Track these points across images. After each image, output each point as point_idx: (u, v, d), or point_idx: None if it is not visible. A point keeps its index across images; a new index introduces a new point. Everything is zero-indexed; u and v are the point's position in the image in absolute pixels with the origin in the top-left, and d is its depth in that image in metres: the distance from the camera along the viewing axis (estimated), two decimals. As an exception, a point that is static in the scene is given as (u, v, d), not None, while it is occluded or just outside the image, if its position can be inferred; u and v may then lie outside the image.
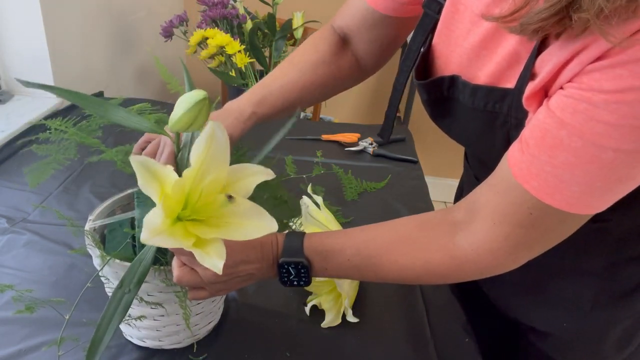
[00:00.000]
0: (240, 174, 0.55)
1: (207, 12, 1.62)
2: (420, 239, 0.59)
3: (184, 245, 0.50)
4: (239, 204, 0.53)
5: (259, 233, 0.52)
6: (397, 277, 0.61)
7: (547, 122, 0.48)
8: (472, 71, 0.58)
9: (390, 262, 0.60)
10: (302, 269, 0.61)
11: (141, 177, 0.49)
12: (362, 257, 0.60)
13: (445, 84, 0.61)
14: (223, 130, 0.53)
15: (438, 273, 0.59)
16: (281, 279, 0.63)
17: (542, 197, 0.49)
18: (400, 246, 0.60)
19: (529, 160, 0.49)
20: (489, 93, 0.56)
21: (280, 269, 0.62)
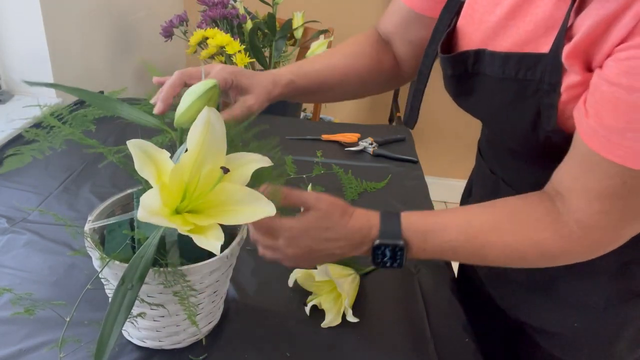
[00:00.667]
0: (237, 162, 0.56)
1: (207, 12, 1.62)
2: (528, 217, 0.58)
3: (181, 230, 0.50)
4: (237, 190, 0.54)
5: (258, 216, 0.53)
6: (502, 256, 0.59)
7: (614, 92, 0.47)
8: (499, 42, 0.58)
9: (495, 241, 0.58)
10: (399, 251, 0.60)
11: (138, 159, 0.50)
12: (466, 237, 0.59)
13: (470, 59, 0.60)
14: (219, 117, 0.54)
15: (547, 253, 0.57)
16: (374, 260, 0.61)
17: (631, 164, 0.48)
18: (506, 224, 0.58)
19: (607, 131, 0.48)
20: (521, 60, 0.55)
21: (376, 251, 0.60)
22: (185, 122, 0.58)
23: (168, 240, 0.64)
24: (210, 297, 0.68)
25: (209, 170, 0.54)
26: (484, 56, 0.59)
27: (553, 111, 0.54)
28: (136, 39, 1.92)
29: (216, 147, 0.54)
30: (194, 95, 0.56)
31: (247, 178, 0.56)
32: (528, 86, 0.55)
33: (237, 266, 0.83)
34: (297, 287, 0.81)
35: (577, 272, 0.68)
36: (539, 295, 0.74)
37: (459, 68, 0.63)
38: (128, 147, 0.50)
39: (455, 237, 0.59)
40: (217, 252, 0.49)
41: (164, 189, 0.52)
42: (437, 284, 0.87)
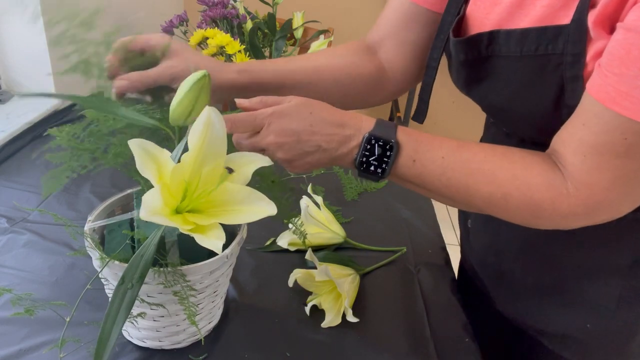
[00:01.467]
0: (238, 162, 0.56)
1: (207, 12, 1.62)
2: (523, 160, 0.55)
3: (182, 230, 0.50)
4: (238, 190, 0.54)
5: (259, 216, 0.53)
6: (486, 193, 0.55)
7: (628, 38, 0.44)
8: (515, 22, 0.56)
9: (486, 171, 0.55)
10: (389, 150, 0.55)
11: (139, 158, 0.50)
12: (458, 159, 0.56)
13: (484, 42, 0.58)
14: (220, 116, 0.54)
15: (532, 200, 0.53)
16: (359, 157, 0.56)
17: (637, 116, 0.45)
18: (500, 159, 0.55)
19: (616, 80, 0.45)
20: (541, 34, 0.53)
21: (364, 144, 0.56)
22: (179, 116, 0.58)
23: (168, 240, 0.64)
24: (210, 297, 0.68)
25: (209, 170, 0.54)
26: (499, 37, 0.57)
27: (578, 83, 0.52)
28: (136, 39, 1.92)
29: (217, 146, 0.54)
30: (185, 87, 0.56)
31: (247, 178, 0.56)
32: (549, 61, 0.53)
33: (237, 266, 0.83)
34: (297, 287, 0.81)
35: (587, 272, 0.68)
36: (546, 299, 0.72)
37: (472, 52, 0.60)
38: (129, 146, 0.50)
39: (448, 155, 0.56)
40: (219, 251, 0.49)
41: (165, 189, 0.52)
42: (437, 284, 0.87)
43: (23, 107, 1.35)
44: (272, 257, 0.90)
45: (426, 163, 0.56)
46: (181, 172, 0.53)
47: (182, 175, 0.53)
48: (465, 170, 0.55)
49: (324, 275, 0.76)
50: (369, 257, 0.90)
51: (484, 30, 0.59)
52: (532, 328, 0.76)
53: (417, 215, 1.06)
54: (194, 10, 1.82)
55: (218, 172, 0.53)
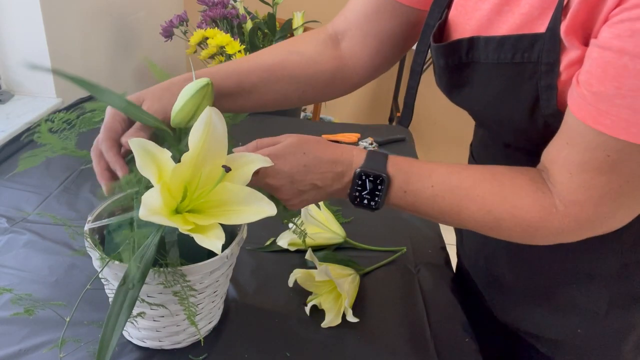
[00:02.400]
0: (238, 162, 0.56)
1: (207, 12, 1.62)
2: (512, 181, 0.56)
3: (181, 230, 0.50)
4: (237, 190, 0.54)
5: (259, 216, 0.53)
6: (479, 217, 0.56)
7: (604, 56, 0.45)
8: (494, 29, 0.57)
9: (476, 197, 0.56)
10: (380, 184, 0.57)
11: (139, 158, 0.50)
12: (448, 187, 0.57)
13: (464, 48, 0.59)
14: (221, 117, 0.54)
15: (524, 221, 0.54)
16: (352, 192, 0.59)
17: (617, 133, 0.45)
18: (489, 183, 0.56)
19: (595, 98, 0.46)
20: (517, 42, 0.53)
21: (356, 180, 0.58)
22: (180, 121, 0.58)
23: (168, 240, 0.64)
24: (210, 297, 0.68)
25: (209, 170, 0.54)
26: (479, 43, 0.57)
27: (552, 93, 0.52)
28: (136, 39, 1.92)
29: (217, 146, 0.54)
30: (187, 94, 0.56)
31: (247, 178, 0.56)
32: (525, 69, 0.54)
33: (237, 266, 0.83)
34: (297, 287, 0.82)
35: (576, 277, 0.68)
36: (537, 304, 0.73)
37: (453, 58, 0.61)
38: (130, 145, 0.50)
39: (437, 183, 0.57)
40: (218, 251, 0.49)
41: (165, 189, 0.52)
42: (437, 284, 0.87)
43: (23, 107, 1.35)
44: (272, 257, 0.90)
45: (417, 193, 0.58)
46: (181, 172, 0.53)
47: (182, 175, 0.53)
48: (455, 197, 0.57)
49: (324, 275, 0.76)
50: (369, 257, 0.90)
51: (464, 35, 0.59)
52: (526, 332, 0.76)
53: (417, 215, 1.06)
54: (194, 10, 1.82)
55: (218, 172, 0.53)
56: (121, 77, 1.84)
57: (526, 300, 0.74)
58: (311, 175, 0.58)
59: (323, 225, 0.90)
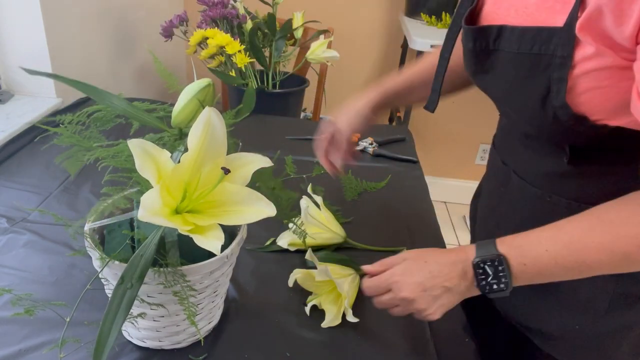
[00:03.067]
0: (238, 162, 0.56)
1: (207, 12, 1.62)
2: (619, 215, 0.57)
3: (181, 230, 0.50)
4: (237, 191, 0.54)
5: (258, 217, 0.53)
6: (606, 260, 0.57)
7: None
8: (519, 19, 0.59)
9: (592, 244, 0.57)
10: (499, 265, 0.60)
11: (138, 159, 0.50)
12: (563, 245, 0.59)
13: (493, 35, 0.61)
14: (220, 116, 0.54)
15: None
16: (478, 283, 0.62)
17: None
18: (600, 225, 0.57)
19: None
20: (537, 34, 0.56)
21: (476, 270, 0.61)
22: (182, 121, 0.59)
23: (168, 240, 0.64)
24: (210, 297, 0.68)
25: (209, 171, 0.54)
26: (505, 32, 0.60)
27: (562, 85, 0.55)
28: (136, 39, 1.92)
29: (216, 147, 0.54)
30: (189, 94, 0.57)
31: (247, 178, 0.56)
32: (541, 60, 0.56)
33: (237, 266, 0.83)
34: (297, 287, 0.81)
35: None
36: (540, 297, 0.74)
37: (481, 42, 0.63)
38: (129, 146, 0.50)
39: (550, 247, 0.59)
40: (217, 252, 0.49)
41: (164, 189, 0.52)
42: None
43: (23, 107, 1.35)
44: (272, 257, 0.90)
45: (536, 261, 0.60)
46: (181, 173, 0.53)
47: (182, 176, 0.53)
48: (573, 253, 0.58)
49: (324, 275, 0.76)
50: (369, 257, 0.90)
51: (494, 22, 0.62)
52: (528, 329, 0.77)
53: (417, 215, 1.06)
54: (194, 10, 1.82)
55: (218, 172, 0.53)
56: (121, 77, 1.84)
57: (533, 294, 0.74)
58: (439, 279, 0.63)
59: (323, 225, 0.90)
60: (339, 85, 2.50)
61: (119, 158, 0.60)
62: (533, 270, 0.61)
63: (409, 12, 2.20)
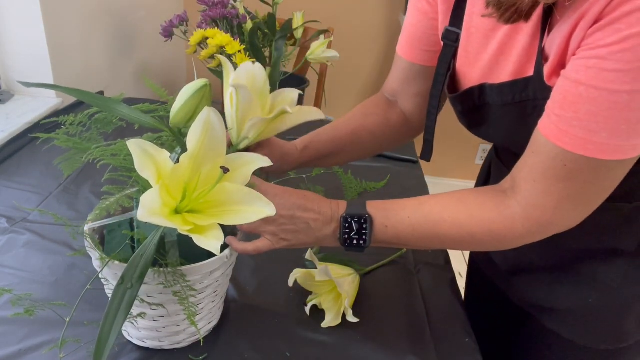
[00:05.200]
0: (237, 163, 0.56)
1: (207, 12, 1.62)
2: (476, 200, 0.65)
3: (180, 230, 0.50)
4: (236, 190, 0.54)
5: (258, 217, 0.53)
6: (455, 235, 0.64)
7: (565, 86, 0.54)
8: (496, 76, 0.66)
9: (447, 218, 0.64)
10: (364, 223, 0.65)
11: (138, 159, 0.50)
12: (421, 215, 0.65)
13: (476, 94, 0.68)
14: (219, 116, 0.54)
15: (494, 231, 0.62)
16: (341, 235, 0.66)
17: (574, 149, 0.54)
18: (457, 205, 0.65)
19: (556, 120, 0.55)
20: (513, 86, 0.63)
21: (343, 224, 0.65)
22: (179, 121, 0.59)
23: (168, 240, 0.64)
24: (210, 297, 0.68)
25: (208, 170, 0.54)
26: (486, 89, 0.67)
27: None
28: (136, 39, 1.92)
29: (216, 147, 0.54)
30: (186, 94, 0.57)
31: (247, 178, 0.56)
32: (527, 106, 0.62)
33: (237, 266, 0.83)
34: (297, 287, 0.81)
35: (595, 255, 0.73)
36: (555, 275, 0.76)
37: (468, 103, 0.70)
38: (128, 146, 0.50)
39: (412, 214, 0.65)
40: (216, 252, 0.49)
41: (164, 189, 0.52)
42: (437, 284, 0.87)
43: (23, 107, 1.35)
44: (272, 257, 0.90)
45: (397, 225, 0.66)
46: (180, 173, 0.53)
47: (181, 176, 0.53)
48: (430, 222, 0.65)
49: (324, 275, 0.76)
50: (369, 257, 0.90)
51: (473, 82, 0.69)
52: (536, 307, 0.79)
53: (417, 215, 1.06)
54: (194, 10, 1.82)
55: (217, 172, 0.53)
56: (121, 77, 1.84)
57: (544, 274, 0.77)
58: (308, 214, 0.66)
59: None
60: (339, 85, 2.50)
61: (117, 157, 0.60)
62: (392, 233, 0.66)
63: (409, 12, 2.20)
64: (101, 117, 0.64)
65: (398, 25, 2.36)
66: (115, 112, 0.60)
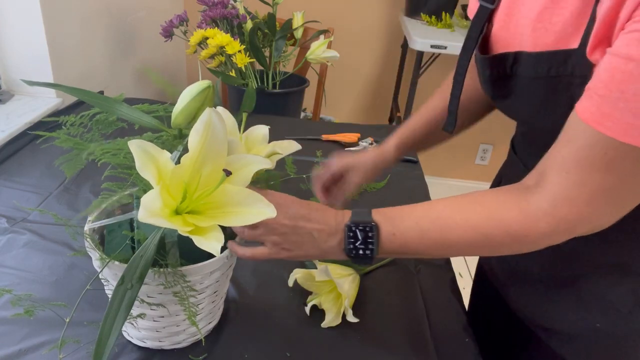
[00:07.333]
0: (238, 164, 0.56)
1: (207, 12, 1.62)
2: (493, 200, 0.58)
3: (181, 232, 0.50)
4: (237, 192, 0.54)
5: (258, 218, 0.52)
6: (469, 239, 0.58)
7: (612, 62, 0.48)
8: (534, 45, 0.59)
9: (459, 221, 0.58)
10: (369, 231, 0.60)
11: (139, 159, 0.50)
12: (431, 219, 0.60)
13: (509, 61, 0.62)
14: (220, 117, 0.54)
15: (513, 232, 0.56)
16: (347, 245, 0.61)
17: (617, 135, 0.48)
18: (471, 205, 0.59)
19: (599, 102, 0.48)
20: (552, 57, 0.56)
21: (347, 233, 0.61)
22: (182, 122, 0.59)
23: (168, 240, 0.64)
24: (210, 297, 0.68)
25: (209, 171, 0.54)
26: (521, 58, 0.60)
27: None
28: (136, 39, 1.92)
29: (217, 148, 0.54)
30: (189, 95, 0.57)
31: (247, 180, 0.56)
32: (560, 81, 0.56)
33: (237, 266, 0.83)
34: (297, 287, 0.82)
35: (603, 270, 0.67)
36: (560, 293, 0.72)
37: (498, 70, 0.64)
38: (129, 147, 0.50)
39: (420, 219, 0.60)
40: (217, 253, 0.49)
41: (165, 190, 0.52)
42: (437, 284, 0.87)
43: (23, 107, 1.35)
44: (272, 257, 0.90)
45: (405, 232, 0.60)
46: (181, 174, 0.53)
47: (182, 177, 0.53)
48: (439, 226, 0.59)
49: (324, 275, 0.76)
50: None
51: (507, 50, 0.63)
52: (541, 326, 0.75)
53: (417, 215, 1.06)
54: (194, 10, 1.82)
55: (218, 173, 0.53)
56: (121, 77, 1.84)
57: (549, 289, 0.73)
58: (312, 224, 0.61)
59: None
60: (339, 85, 2.50)
61: (118, 156, 0.60)
62: (400, 241, 0.61)
63: (409, 12, 2.20)
64: (102, 117, 0.64)
65: (398, 25, 2.37)
66: (116, 112, 0.60)
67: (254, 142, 0.69)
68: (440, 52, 1.94)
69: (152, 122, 0.61)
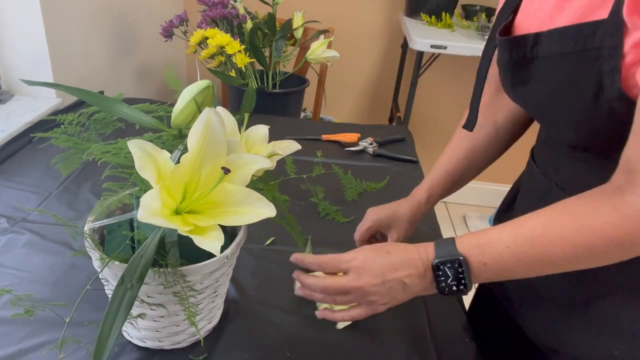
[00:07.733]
0: (238, 163, 0.56)
1: (207, 12, 1.62)
2: (585, 207, 0.54)
3: (180, 231, 0.50)
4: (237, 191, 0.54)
5: (258, 218, 0.52)
6: (569, 255, 0.54)
7: None
8: (556, 23, 0.57)
9: (555, 238, 0.54)
10: (459, 267, 0.58)
11: (138, 159, 0.50)
12: (522, 242, 0.56)
13: (529, 43, 0.60)
14: (219, 117, 0.54)
15: (616, 238, 0.51)
16: (438, 285, 0.59)
17: None
18: (563, 218, 0.54)
19: None
20: (578, 31, 0.54)
21: (436, 272, 0.59)
22: (181, 122, 0.59)
23: (168, 240, 0.64)
24: (210, 297, 0.68)
25: (209, 171, 0.54)
26: (542, 38, 0.58)
27: (616, 76, 0.52)
28: (136, 39, 1.92)
29: (216, 147, 0.54)
30: (189, 96, 0.57)
31: (247, 179, 0.56)
32: (587, 56, 0.54)
33: (237, 266, 0.83)
34: (297, 287, 0.81)
35: (622, 293, 0.65)
36: (576, 317, 0.68)
37: (517, 52, 0.62)
38: (129, 147, 0.50)
39: (511, 243, 0.56)
40: (216, 253, 0.49)
41: (164, 190, 0.52)
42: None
43: (23, 107, 1.35)
44: (272, 257, 0.90)
45: (497, 260, 0.57)
46: (180, 173, 0.53)
47: (182, 176, 0.53)
48: (535, 248, 0.55)
49: (324, 275, 0.76)
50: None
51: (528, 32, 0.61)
52: (552, 350, 0.72)
53: (417, 215, 1.06)
54: (194, 10, 1.82)
55: (217, 173, 0.53)
56: (121, 77, 1.84)
57: (565, 312, 0.70)
58: (400, 272, 0.60)
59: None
60: (339, 85, 2.50)
61: (118, 156, 0.60)
62: (494, 268, 0.58)
63: (409, 12, 2.20)
64: (100, 117, 0.64)
65: (398, 25, 2.36)
66: (116, 111, 0.60)
67: (254, 142, 0.69)
68: (440, 52, 1.94)
69: (152, 122, 0.61)
